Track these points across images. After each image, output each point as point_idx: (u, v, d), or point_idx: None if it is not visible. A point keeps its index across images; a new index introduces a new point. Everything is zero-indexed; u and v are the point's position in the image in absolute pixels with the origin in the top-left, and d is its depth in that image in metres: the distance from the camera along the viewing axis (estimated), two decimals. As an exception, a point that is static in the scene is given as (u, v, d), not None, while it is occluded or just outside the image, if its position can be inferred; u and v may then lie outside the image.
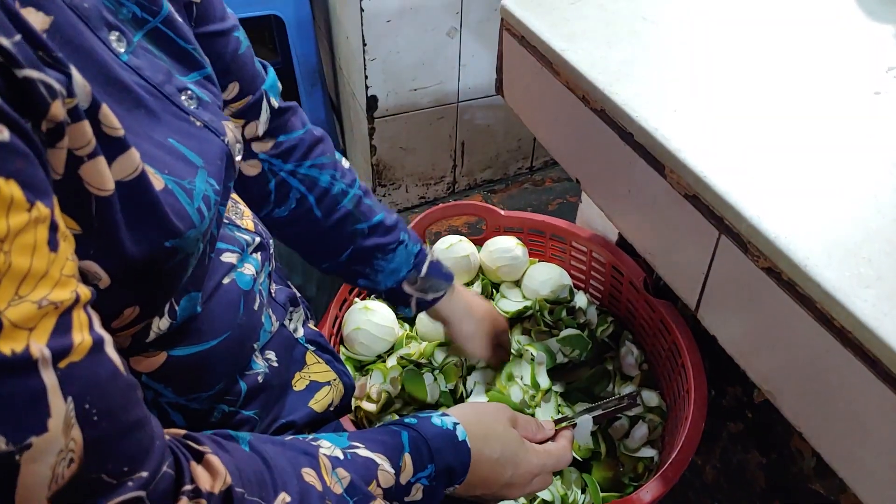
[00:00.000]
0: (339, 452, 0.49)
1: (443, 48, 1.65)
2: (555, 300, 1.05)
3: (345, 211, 0.73)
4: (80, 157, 0.35)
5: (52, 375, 0.30)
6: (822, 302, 0.46)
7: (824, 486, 0.79)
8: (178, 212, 0.43)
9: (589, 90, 0.66)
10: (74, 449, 0.31)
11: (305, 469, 0.46)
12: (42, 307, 0.30)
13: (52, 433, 0.30)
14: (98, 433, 0.33)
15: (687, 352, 0.87)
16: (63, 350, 0.31)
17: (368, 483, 0.49)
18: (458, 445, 0.56)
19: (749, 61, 0.69)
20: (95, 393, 0.33)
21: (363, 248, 0.74)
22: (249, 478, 0.42)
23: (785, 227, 0.50)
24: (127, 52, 0.45)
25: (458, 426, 0.57)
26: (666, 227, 0.63)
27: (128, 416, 0.35)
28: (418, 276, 0.77)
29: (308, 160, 0.71)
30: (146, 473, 0.36)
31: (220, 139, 0.51)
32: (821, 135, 0.59)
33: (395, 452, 0.52)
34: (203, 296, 0.54)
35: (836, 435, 0.50)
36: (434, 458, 0.54)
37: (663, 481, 0.76)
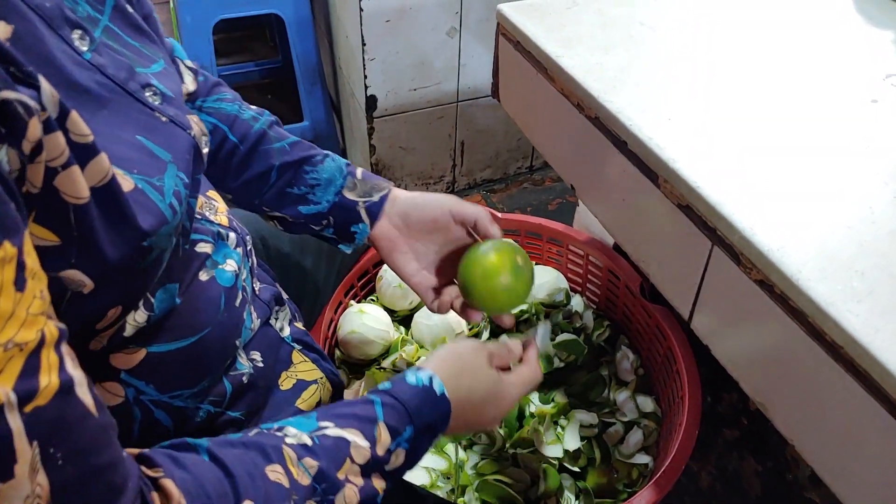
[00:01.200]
0: (306, 439, 0.48)
1: (442, 48, 1.64)
2: (551, 304, 1.04)
3: (260, 131, 0.74)
4: (54, 168, 0.35)
5: (18, 420, 0.30)
6: (813, 316, 0.46)
7: (819, 495, 0.79)
8: (150, 210, 0.43)
9: (583, 97, 0.66)
10: (41, 494, 0.31)
11: (270, 467, 0.45)
12: (7, 350, 0.30)
13: (17, 479, 0.30)
14: (64, 477, 0.32)
15: (682, 358, 0.87)
16: (29, 393, 0.30)
17: (340, 466, 0.48)
18: (437, 400, 0.56)
19: (746, 70, 0.68)
20: (62, 436, 0.32)
21: (288, 163, 0.73)
22: (208, 492, 0.41)
23: (778, 240, 0.49)
24: (90, 49, 0.45)
25: (435, 378, 0.57)
26: (659, 236, 0.62)
27: (98, 459, 0.35)
28: (356, 180, 0.75)
29: (212, 96, 0.75)
30: None
31: (187, 133, 0.51)
32: (816, 146, 0.59)
33: (367, 425, 0.51)
34: (181, 287, 0.54)
35: (827, 448, 0.49)
36: (413, 419, 0.53)
37: (656, 489, 0.76)
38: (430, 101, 1.73)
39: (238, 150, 0.73)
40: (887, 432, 0.43)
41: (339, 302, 0.99)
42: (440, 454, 0.89)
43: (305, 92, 1.90)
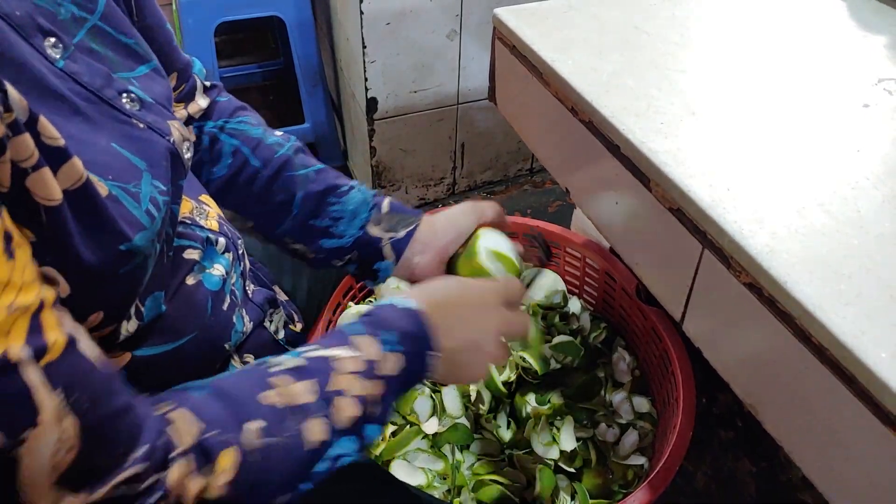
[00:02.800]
0: (292, 363, 0.49)
1: (442, 51, 1.65)
2: (548, 306, 1.05)
3: (285, 157, 0.71)
4: (24, 168, 0.36)
5: (36, 374, 0.33)
6: (801, 318, 0.47)
7: (812, 497, 0.80)
8: (126, 217, 0.44)
9: (577, 101, 0.67)
10: (71, 437, 0.34)
11: (264, 393, 0.46)
12: (12, 312, 0.32)
13: (44, 426, 0.33)
14: (91, 420, 0.35)
15: (677, 359, 0.87)
16: (41, 349, 0.33)
17: (328, 381, 0.48)
18: (409, 312, 0.54)
19: (738, 74, 0.69)
20: (80, 384, 0.35)
21: (313, 193, 0.70)
22: (216, 418, 0.43)
23: (766, 243, 0.50)
24: (63, 57, 0.45)
25: (404, 298, 0.56)
26: (651, 239, 0.63)
27: (115, 402, 0.37)
28: (381, 214, 0.72)
29: (235, 118, 0.73)
30: (145, 448, 0.38)
31: (165, 139, 0.51)
32: (807, 149, 0.59)
33: (346, 339, 0.51)
34: (167, 294, 0.55)
35: (815, 450, 0.50)
36: (388, 326, 0.53)
37: (650, 489, 0.76)
38: (431, 103, 1.73)
39: (260, 176, 0.70)
40: (872, 434, 0.43)
41: (336, 303, 0.99)
42: (437, 455, 0.89)
43: (307, 94, 1.90)
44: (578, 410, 0.94)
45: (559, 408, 0.94)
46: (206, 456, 0.41)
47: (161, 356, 0.55)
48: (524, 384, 0.98)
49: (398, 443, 0.88)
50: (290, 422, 0.46)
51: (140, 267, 0.46)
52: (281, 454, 0.45)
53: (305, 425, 0.46)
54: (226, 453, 0.42)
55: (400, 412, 0.92)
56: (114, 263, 0.43)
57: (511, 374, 0.97)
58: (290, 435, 0.45)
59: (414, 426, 0.91)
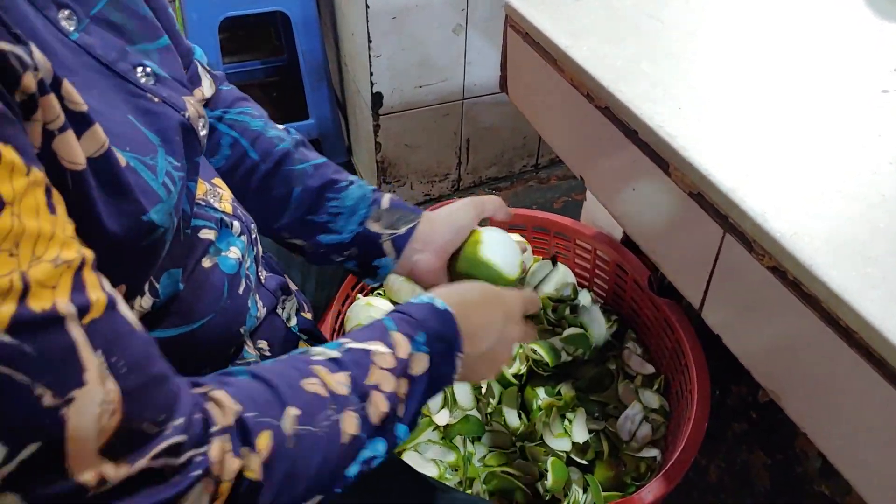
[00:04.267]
0: (332, 353, 0.49)
1: (448, 45, 1.64)
2: (558, 298, 1.04)
3: (284, 151, 0.70)
4: (51, 131, 0.35)
5: (80, 331, 0.32)
6: (827, 302, 0.46)
7: (829, 488, 0.79)
8: (144, 188, 0.43)
9: (593, 87, 0.66)
10: (114, 400, 0.33)
11: (306, 380, 0.46)
12: (58, 266, 0.31)
13: (90, 386, 0.32)
14: (131, 384, 0.34)
15: (690, 351, 0.87)
16: (84, 307, 0.32)
17: (367, 374, 0.48)
18: (440, 312, 0.55)
19: (755, 59, 0.68)
20: (120, 347, 0.34)
21: (311, 188, 0.69)
22: (256, 400, 0.42)
23: (790, 226, 0.49)
24: (77, 30, 0.44)
25: (435, 298, 0.56)
26: (670, 225, 0.62)
27: (153, 369, 0.36)
28: (381, 210, 0.71)
29: (235, 108, 0.72)
30: (182, 420, 0.37)
31: (180, 114, 0.50)
32: (828, 133, 0.59)
33: (383, 334, 0.51)
34: (184, 273, 0.54)
35: (841, 436, 0.49)
36: (421, 325, 0.53)
37: (665, 481, 0.76)
38: (436, 98, 1.73)
39: (258, 169, 0.70)
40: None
41: (346, 295, 0.99)
42: (448, 446, 0.88)
43: (311, 90, 1.90)
44: (590, 403, 0.94)
45: (570, 400, 0.93)
46: (245, 436, 0.40)
47: (178, 338, 0.54)
48: (535, 376, 0.97)
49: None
50: (329, 411, 0.45)
51: (160, 240, 0.45)
52: (316, 444, 0.44)
53: (342, 417, 0.46)
54: (263, 435, 0.41)
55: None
56: (136, 234, 0.43)
57: (521, 367, 0.96)
58: (327, 425, 0.45)
59: (425, 418, 0.90)
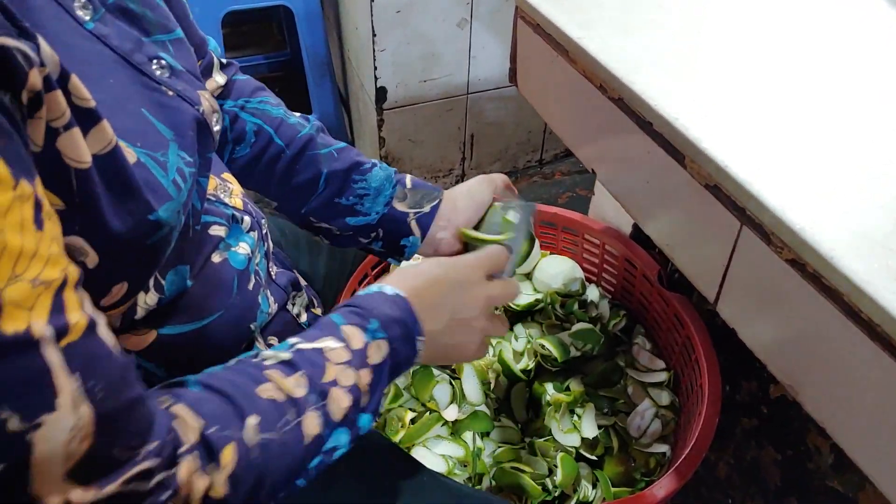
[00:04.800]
0: (283, 355, 0.48)
1: (453, 39, 1.63)
2: (566, 293, 1.03)
3: (308, 136, 0.71)
4: (56, 128, 0.34)
5: (56, 354, 0.31)
6: (849, 294, 0.45)
7: (842, 483, 0.78)
8: (153, 185, 0.43)
9: (607, 79, 0.65)
10: (85, 425, 0.32)
11: (261, 387, 0.45)
12: (35, 286, 0.30)
13: (61, 411, 0.31)
14: (105, 409, 0.33)
15: (701, 346, 0.86)
16: (62, 329, 0.31)
17: (323, 372, 0.47)
18: (390, 297, 0.54)
19: (771, 47, 0.67)
20: (97, 370, 0.33)
21: (337, 171, 0.70)
22: (216, 413, 0.42)
23: (810, 218, 0.49)
24: (93, 19, 0.44)
25: (383, 286, 0.55)
26: (685, 218, 0.62)
27: (128, 394, 0.36)
28: (406, 190, 0.72)
29: (255, 97, 0.73)
30: (154, 445, 0.36)
31: (194, 108, 0.50)
32: (847, 123, 0.58)
33: (333, 330, 0.50)
34: (192, 270, 0.53)
35: (860, 430, 0.49)
36: (372, 313, 0.52)
37: (676, 477, 0.75)
38: (440, 93, 1.72)
39: (284, 155, 0.71)
40: (927, 411, 0.42)
41: (352, 290, 0.98)
42: (458, 442, 0.88)
43: (314, 84, 1.89)
44: (599, 398, 0.93)
45: (579, 395, 0.92)
46: (210, 452, 0.40)
47: (188, 335, 0.54)
48: (543, 372, 0.97)
49: (418, 430, 0.87)
50: (289, 416, 0.44)
51: (166, 238, 0.45)
52: (280, 449, 0.43)
53: (303, 419, 0.45)
54: (227, 449, 0.40)
55: (420, 399, 0.91)
56: (142, 233, 0.42)
57: (530, 362, 0.96)
58: (288, 430, 0.44)
59: (434, 413, 0.89)
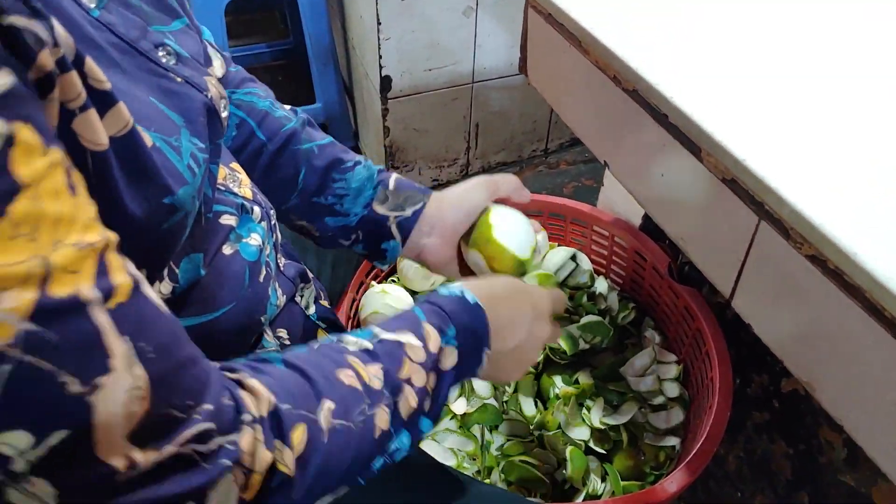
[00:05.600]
0: (366, 343, 0.48)
1: (458, 28, 1.62)
2: (575, 286, 1.03)
3: (291, 131, 0.70)
4: (72, 110, 0.34)
5: (105, 316, 0.31)
6: (872, 292, 0.44)
7: (854, 479, 0.78)
8: (169, 169, 0.42)
9: (620, 69, 0.64)
10: (142, 386, 0.32)
11: (342, 371, 0.45)
12: (81, 249, 0.30)
13: (117, 372, 0.31)
14: (158, 369, 0.33)
15: (712, 339, 0.86)
16: (109, 291, 0.31)
17: (400, 367, 0.47)
18: (471, 306, 0.54)
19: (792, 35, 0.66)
20: (146, 331, 0.33)
21: (317, 168, 0.69)
22: (292, 391, 0.41)
23: (831, 213, 0.47)
24: (98, 7, 0.43)
25: (466, 291, 0.55)
26: (701, 212, 0.60)
27: (181, 353, 0.35)
28: (387, 191, 0.70)
29: (242, 89, 0.72)
30: (211, 406, 0.36)
31: (203, 94, 0.49)
32: (868, 115, 0.57)
33: (415, 325, 0.50)
34: (205, 259, 0.53)
35: (880, 428, 0.48)
36: (451, 318, 0.52)
37: (687, 472, 0.75)
38: (445, 81, 1.70)
39: (265, 150, 0.69)
40: (952, 411, 0.41)
41: (360, 282, 0.97)
42: (467, 435, 0.88)
43: (318, 73, 1.87)
44: (608, 391, 0.92)
45: (588, 389, 0.92)
46: (279, 428, 0.39)
47: (199, 327, 0.53)
48: (551, 364, 0.96)
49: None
50: (364, 406, 0.44)
51: (181, 224, 0.44)
52: (350, 440, 0.43)
53: (376, 412, 0.45)
54: (298, 428, 0.40)
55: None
56: (158, 217, 0.41)
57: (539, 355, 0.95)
58: (361, 420, 0.44)
59: (441, 411, 0.89)
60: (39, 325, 0.28)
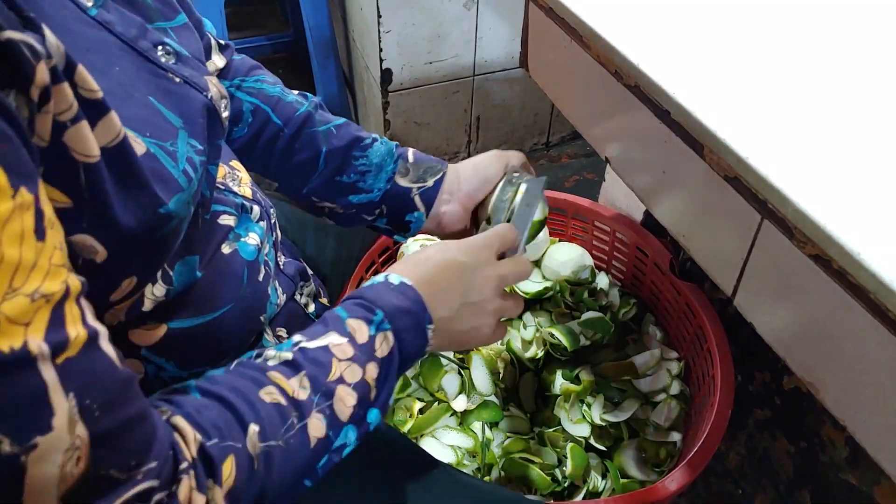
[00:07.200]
0: (286, 355, 0.47)
1: (459, 20, 1.61)
2: (576, 281, 1.02)
3: (306, 114, 0.70)
4: (63, 122, 0.33)
5: (52, 371, 0.29)
6: (876, 292, 0.44)
7: (856, 477, 0.77)
8: (163, 176, 0.42)
9: (622, 65, 0.63)
10: (81, 446, 0.31)
11: (263, 391, 0.44)
12: (35, 300, 0.29)
13: (57, 432, 0.29)
14: (102, 429, 0.32)
15: (713, 336, 0.85)
16: (60, 345, 0.30)
17: (327, 371, 0.46)
18: (396, 287, 0.52)
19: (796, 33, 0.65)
20: (95, 388, 0.32)
21: (337, 148, 0.69)
22: (216, 423, 0.41)
23: (836, 212, 0.47)
24: (96, 5, 0.43)
25: (389, 275, 0.54)
26: (703, 210, 0.60)
27: (129, 410, 0.34)
28: (408, 165, 0.71)
29: (251, 76, 0.72)
30: (154, 464, 0.35)
31: (203, 94, 0.48)
32: (873, 113, 0.56)
33: (337, 324, 0.49)
34: (202, 260, 0.52)
35: (884, 429, 0.47)
36: (377, 304, 0.50)
37: (689, 469, 0.74)
38: (446, 74, 1.69)
39: (283, 134, 0.70)
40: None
41: (360, 278, 0.97)
42: (467, 432, 0.87)
43: (319, 66, 1.86)
44: (609, 388, 0.92)
45: (589, 385, 0.91)
46: (210, 467, 0.39)
47: (198, 328, 0.53)
48: (552, 361, 0.96)
49: (427, 420, 0.86)
50: (293, 420, 0.43)
51: (174, 230, 0.44)
52: (283, 457, 0.42)
53: (307, 423, 0.44)
54: (227, 462, 0.39)
55: (428, 389, 0.90)
56: (151, 226, 0.41)
57: (539, 351, 0.95)
58: (292, 435, 0.43)
59: (442, 403, 0.89)
60: None
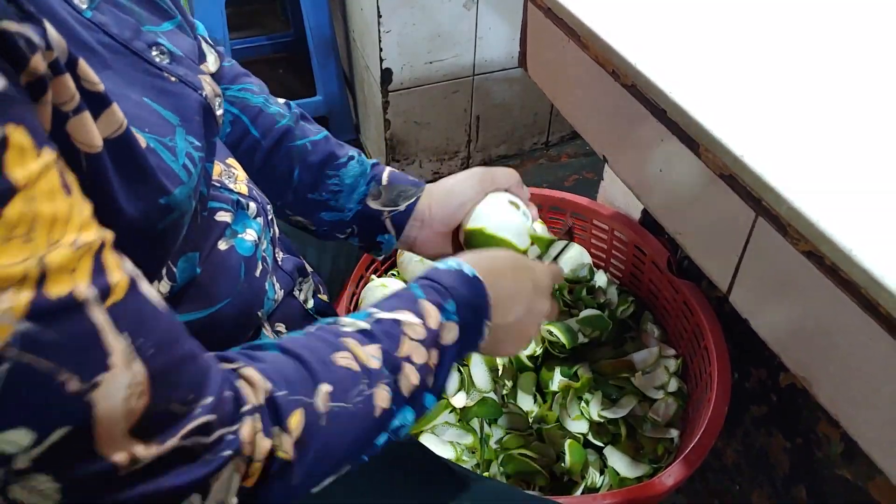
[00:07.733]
0: (362, 324, 0.48)
1: (459, 20, 1.61)
2: (574, 279, 1.03)
3: (285, 128, 0.70)
4: (65, 112, 0.34)
5: (103, 314, 0.31)
6: (867, 287, 0.45)
7: (852, 472, 0.78)
8: (164, 170, 0.42)
9: (619, 64, 0.64)
10: (141, 382, 0.32)
11: (338, 354, 0.45)
12: (78, 249, 0.30)
13: (116, 369, 0.31)
14: (158, 365, 0.33)
15: (710, 334, 0.86)
16: (106, 289, 0.32)
17: (398, 345, 0.48)
18: (469, 279, 0.54)
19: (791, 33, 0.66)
20: (145, 328, 0.33)
21: (311, 165, 0.69)
22: (288, 377, 0.42)
23: (829, 209, 0.48)
24: (90, 7, 0.43)
25: (463, 264, 0.55)
26: (699, 207, 0.61)
27: (180, 348, 0.36)
28: (380, 187, 0.71)
29: (236, 84, 0.72)
30: (211, 398, 0.36)
31: (198, 93, 0.49)
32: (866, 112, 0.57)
33: (412, 303, 0.50)
34: (201, 256, 0.53)
35: (877, 424, 0.48)
36: (451, 293, 0.52)
37: (685, 465, 0.75)
38: (446, 74, 1.70)
39: (260, 147, 0.70)
40: (946, 407, 0.41)
41: (360, 276, 0.98)
42: (466, 428, 0.88)
43: (319, 66, 1.87)
44: (607, 385, 0.93)
45: (587, 382, 0.92)
46: (277, 415, 0.40)
47: (196, 323, 0.53)
48: (550, 358, 0.96)
49: (426, 417, 0.87)
50: (362, 386, 0.44)
51: (177, 223, 0.45)
52: (349, 420, 0.43)
53: (375, 392, 0.45)
54: (295, 414, 0.40)
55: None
56: (154, 218, 0.42)
57: (538, 349, 0.96)
58: (360, 401, 0.44)
59: (442, 399, 0.89)
60: (36, 325, 0.28)
